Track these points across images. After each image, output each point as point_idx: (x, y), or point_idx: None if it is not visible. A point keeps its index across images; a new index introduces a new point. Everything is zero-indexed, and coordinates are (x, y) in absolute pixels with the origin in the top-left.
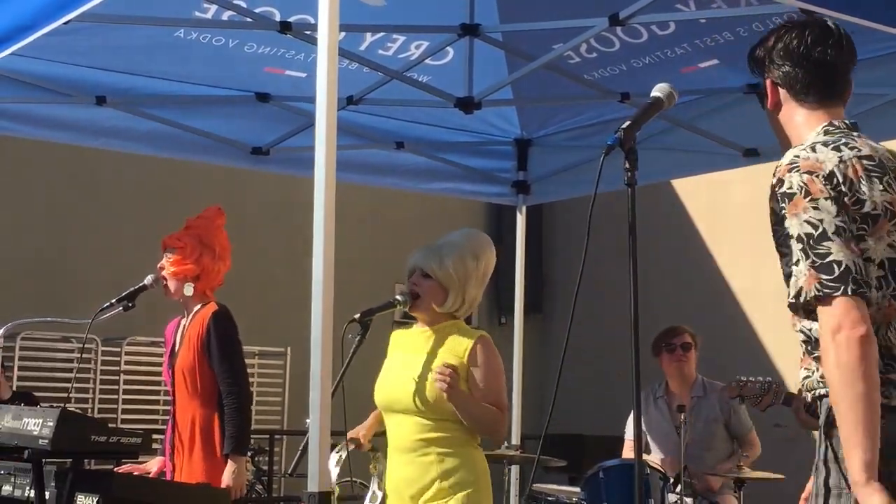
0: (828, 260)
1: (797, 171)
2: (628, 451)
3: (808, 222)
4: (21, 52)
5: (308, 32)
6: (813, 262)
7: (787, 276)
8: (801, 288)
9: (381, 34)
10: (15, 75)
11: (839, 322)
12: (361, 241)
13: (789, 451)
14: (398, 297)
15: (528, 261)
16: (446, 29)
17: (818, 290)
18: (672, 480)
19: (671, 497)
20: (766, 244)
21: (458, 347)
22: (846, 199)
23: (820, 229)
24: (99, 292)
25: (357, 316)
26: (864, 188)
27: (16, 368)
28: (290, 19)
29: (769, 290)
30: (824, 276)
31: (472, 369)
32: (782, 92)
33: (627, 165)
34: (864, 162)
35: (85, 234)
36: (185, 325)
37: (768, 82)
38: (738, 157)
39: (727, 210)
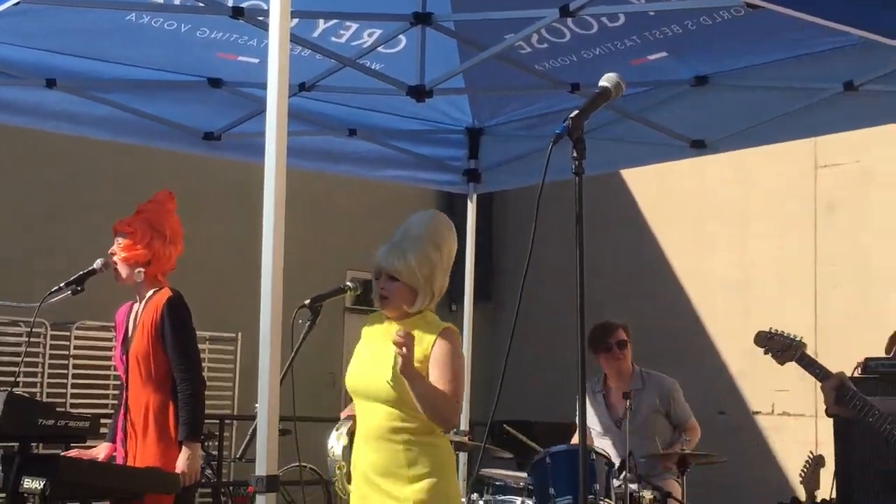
0: None
1: None
2: (577, 439)
3: None
4: None
5: (261, 18)
6: None
7: None
8: None
9: (334, 21)
10: None
11: None
12: (313, 228)
13: (731, 437)
14: (349, 283)
15: (478, 249)
16: (399, 17)
17: None
18: (617, 466)
19: (616, 482)
20: (710, 232)
21: (424, 340)
22: None
23: None
24: (49, 278)
25: (307, 302)
26: None
27: None
28: (243, 5)
29: (712, 276)
30: None
31: (434, 358)
32: None
33: (575, 154)
34: None
35: (37, 221)
36: (138, 311)
37: None
38: (685, 148)
39: (673, 199)
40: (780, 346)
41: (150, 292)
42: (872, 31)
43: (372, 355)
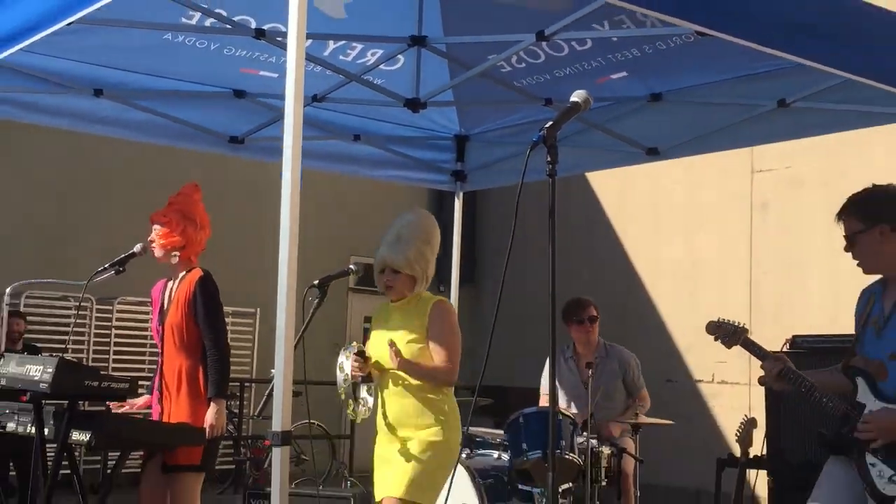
0: None
1: None
2: (544, 401)
3: None
4: (29, 49)
5: (279, 39)
6: None
7: None
8: None
9: (342, 42)
10: (24, 69)
11: None
12: (321, 219)
13: (678, 402)
14: (352, 266)
15: (463, 239)
16: (398, 39)
17: None
18: (580, 425)
19: (579, 439)
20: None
21: (421, 312)
22: None
23: None
24: (93, 258)
25: (316, 282)
26: None
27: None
28: (264, 27)
29: (664, 263)
30: None
31: (430, 326)
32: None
33: (549, 159)
34: None
35: (82, 208)
36: (172, 288)
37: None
38: (641, 154)
39: (632, 199)
40: (727, 333)
41: (184, 272)
42: (802, 57)
43: (382, 335)
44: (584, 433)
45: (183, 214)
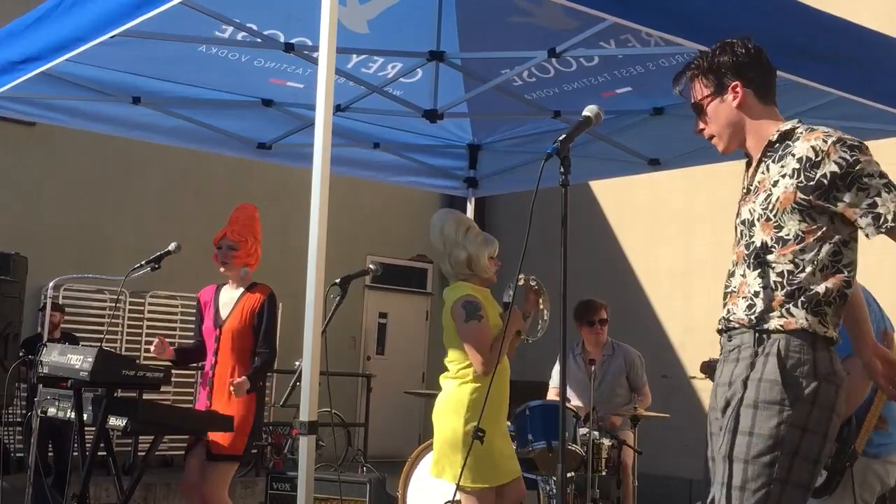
0: None
1: (847, 136)
2: (552, 395)
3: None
4: (74, 59)
5: (306, 52)
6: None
7: (866, 205)
8: (893, 213)
9: (365, 56)
10: (68, 77)
11: None
12: (339, 221)
13: (673, 396)
14: (371, 266)
15: None
16: (417, 54)
17: None
18: (582, 418)
19: (582, 430)
20: (661, 235)
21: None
22: None
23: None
24: (127, 255)
25: (338, 280)
26: None
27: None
28: (293, 41)
29: (661, 267)
30: None
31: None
32: (749, 92)
33: (562, 170)
34: None
35: (117, 209)
36: (233, 296)
37: (739, 85)
38: (643, 164)
39: (631, 207)
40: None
41: (249, 285)
42: (798, 76)
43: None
44: (587, 425)
45: (254, 236)
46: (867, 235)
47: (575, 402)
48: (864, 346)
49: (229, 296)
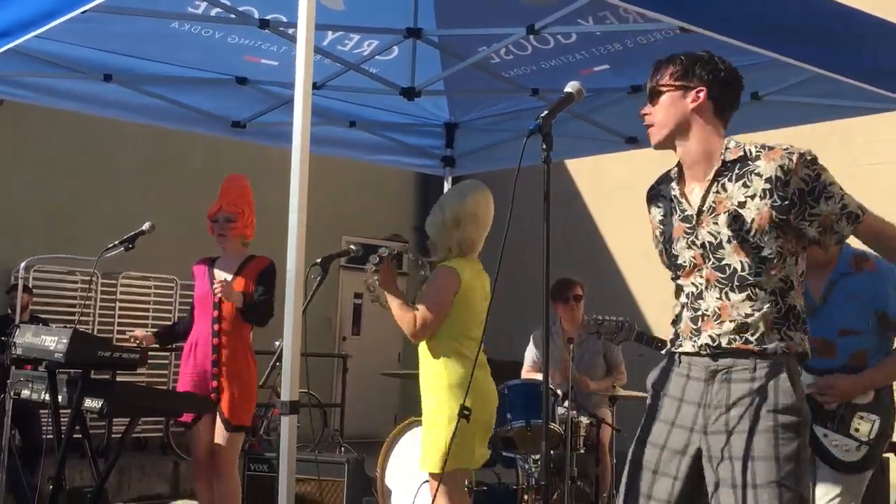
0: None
1: (801, 149)
2: (527, 373)
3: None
4: (44, 36)
5: (282, 28)
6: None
7: (829, 217)
8: (860, 206)
9: (341, 33)
10: (38, 54)
11: None
12: (315, 201)
13: (647, 375)
14: (352, 246)
15: None
16: (394, 31)
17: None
18: (561, 397)
19: (560, 410)
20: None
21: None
22: None
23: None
24: (100, 236)
25: (319, 260)
26: None
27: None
28: (268, 17)
29: (636, 249)
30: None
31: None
32: (709, 104)
33: (544, 146)
34: None
35: (90, 188)
36: (235, 266)
37: (704, 92)
38: (620, 142)
39: (607, 186)
40: (610, 330)
41: (246, 256)
42: (776, 52)
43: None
44: (565, 403)
45: (249, 206)
46: (843, 237)
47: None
48: None
49: (228, 268)
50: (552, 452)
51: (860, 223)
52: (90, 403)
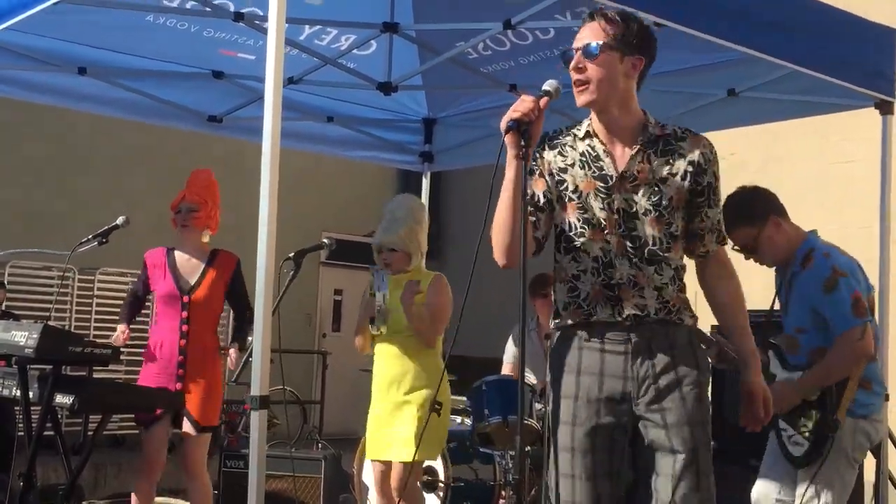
0: None
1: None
2: (507, 370)
3: None
4: (16, 27)
5: (257, 22)
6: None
7: (711, 224)
8: (725, 237)
9: (318, 27)
10: (10, 46)
11: None
12: (294, 196)
13: None
14: (325, 240)
15: (429, 216)
16: (371, 26)
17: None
18: (538, 393)
19: (537, 405)
20: None
21: (422, 283)
22: None
23: None
24: (74, 231)
25: (292, 255)
26: None
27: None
28: (243, 10)
29: None
30: None
31: (428, 295)
32: (636, 76)
33: (523, 143)
34: None
35: (65, 183)
36: (198, 263)
37: (640, 61)
38: None
39: None
40: (728, 360)
41: (211, 251)
42: (752, 48)
43: (389, 301)
44: (542, 400)
45: (214, 198)
46: (706, 251)
47: (530, 377)
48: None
49: (191, 263)
50: (530, 448)
51: (723, 245)
52: (61, 399)
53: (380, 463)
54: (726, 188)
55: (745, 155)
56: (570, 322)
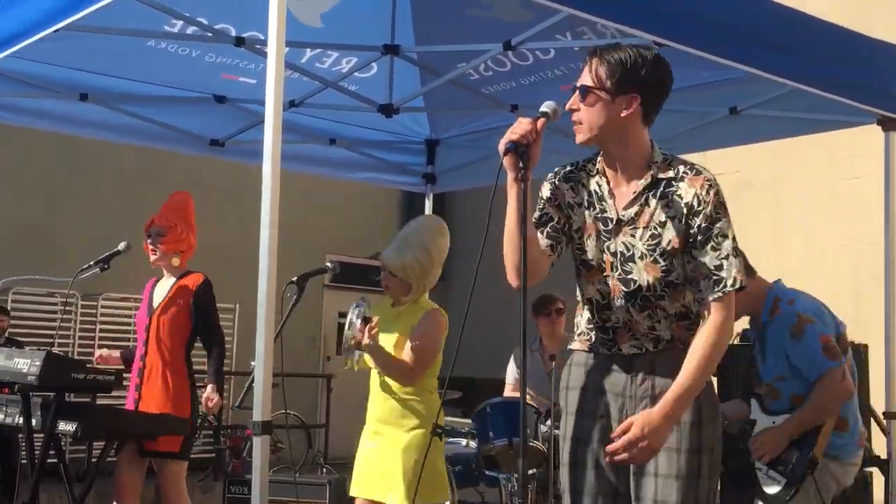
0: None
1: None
2: (509, 392)
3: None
4: (18, 55)
5: (258, 46)
6: (740, 260)
7: (713, 266)
8: (735, 278)
9: (319, 50)
10: (12, 74)
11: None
12: (297, 219)
13: None
14: (328, 264)
15: None
16: (372, 48)
17: (741, 284)
18: (543, 414)
19: (543, 427)
20: None
21: (413, 318)
22: None
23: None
24: (78, 256)
25: (295, 279)
26: None
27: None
28: (244, 35)
29: None
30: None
31: (415, 328)
32: (640, 111)
33: (521, 164)
34: None
35: (68, 209)
36: (169, 286)
37: (638, 101)
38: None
39: None
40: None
41: (182, 273)
42: (753, 67)
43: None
44: (548, 422)
45: (185, 221)
46: (700, 298)
47: (535, 397)
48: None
49: (163, 286)
50: (536, 470)
51: (723, 292)
52: (64, 427)
53: (368, 501)
54: (731, 207)
55: (751, 173)
56: (578, 347)
